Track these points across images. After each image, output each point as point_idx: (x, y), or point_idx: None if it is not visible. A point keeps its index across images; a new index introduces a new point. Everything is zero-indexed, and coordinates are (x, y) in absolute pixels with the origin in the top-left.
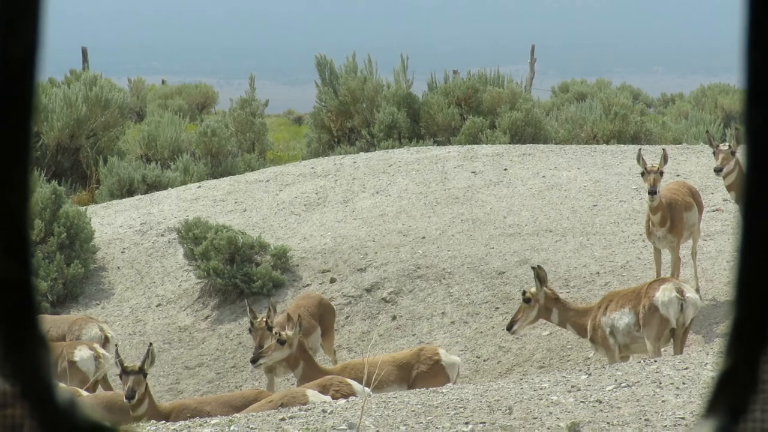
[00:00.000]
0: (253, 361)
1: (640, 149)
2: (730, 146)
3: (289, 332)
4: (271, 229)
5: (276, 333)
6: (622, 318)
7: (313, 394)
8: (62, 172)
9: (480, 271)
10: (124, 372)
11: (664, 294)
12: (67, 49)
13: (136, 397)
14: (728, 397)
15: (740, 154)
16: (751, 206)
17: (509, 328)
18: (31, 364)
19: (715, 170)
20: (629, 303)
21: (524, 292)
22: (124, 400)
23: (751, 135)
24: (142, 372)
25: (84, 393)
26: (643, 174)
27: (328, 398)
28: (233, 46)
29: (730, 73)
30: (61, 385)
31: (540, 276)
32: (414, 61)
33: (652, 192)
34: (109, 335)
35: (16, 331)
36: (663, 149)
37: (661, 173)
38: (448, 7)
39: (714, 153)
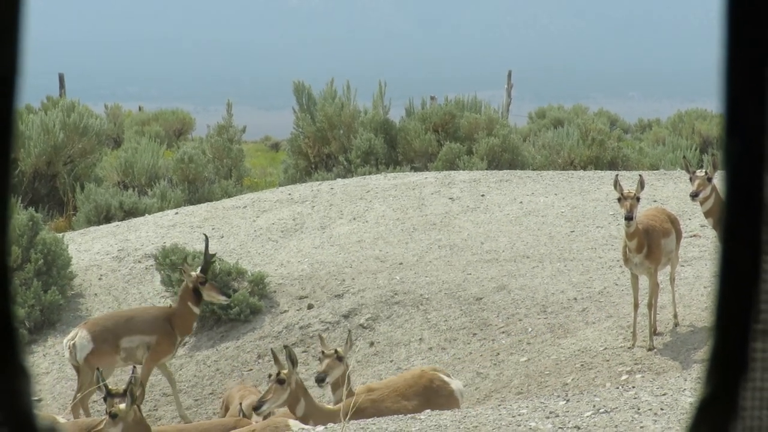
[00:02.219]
0: (257, 407)
1: (617, 175)
2: (706, 172)
3: (284, 371)
4: (249, 255)
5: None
6: None
7: (294, 423)
8: (39, 198)
9: (457, 297)
10: (109, 395)
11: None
12: (43, 75)
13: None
14: (708, 423)
15: (717, 180)
16: (730, 232)
17: (256, 408)
18: (11, 392)
19: (690, 195)
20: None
21: (278, 373)
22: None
23: (729, 161)
24: (126, 394)
25: (62, 420)
26: (619, 200)
27: (309, 427)
28: (210, 71)
29: (707, 98)
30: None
31: (292, 357)
32: (391, 87)
33: (628, 218)
34: None
35: None
36: (640, 175)
37: (638, 199)
38: (424, 33)
39: (690, 179)
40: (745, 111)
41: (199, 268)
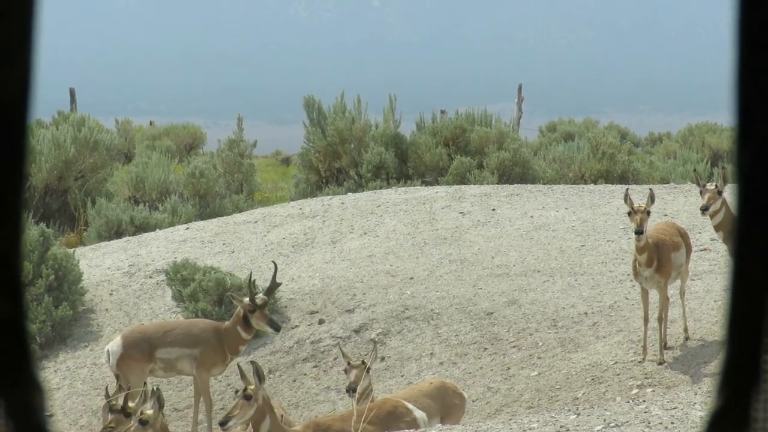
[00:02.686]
0: (223, 423)
1: (627, 189)
2: (716, 186)
3: (251, 387)
4: (260, 270)
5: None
6: None
7: None
8: (50, 213)
9: (468, 312)
10: (111, 411)
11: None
12: (54, 90)
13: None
14: None
15: (728, 193)
16: (742, 245)
17: (222, 424)
18: (24, 406)
19: (701, 209)
20: None
21: (245, 389)
22: None
23: (741, 175)
24: (123, 411)
25: None
26: (629, 214)
27: None
28: (221, 86)
29: (717, 111)
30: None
31: (260, 374)
32: (402, 101)
33: (638, 232)
34: None
35: (9, 371)
36: (650, 189)
37: (648, 213)
38: (435, 47)
39: (701, 192)
40: (756, 123)
41: (260, 294)
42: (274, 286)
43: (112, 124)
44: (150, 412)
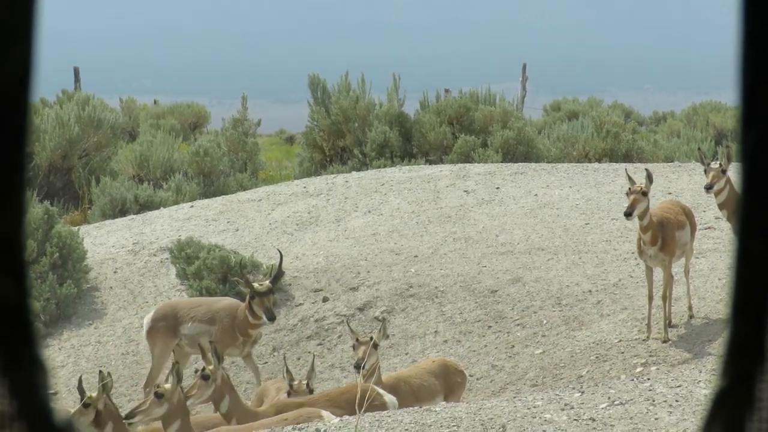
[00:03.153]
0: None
1: (626, 169)
2: (720, 164)
3: (210, 366)
4: (264, 248)
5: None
6: None
7: (327, 414)
8: (54, 192)
9: (472, 290)
10: (84, 405)
11: None
12: (58, 70)
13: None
14: (724, 415)
15: (732, 172)
16: (746, 224)
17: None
18: (28, 385)
19: (705, 188)
20: None
21: (203, 369)
22: None
23: (745, 153)
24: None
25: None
26: (627, 194)
27: (338, 418)
28: (225, 65)
29: (722, 90)
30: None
31: (218, 354)
32: (406, 80)
33: (627, 213)
34: None
35: (13, 351)
36: (646, 169)
37: (644, 193)
38: (439, 26)
39: (705, 171)
40: (761, 102)
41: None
42: (279, 274)
43: (117, 103)
44: (167, 386)
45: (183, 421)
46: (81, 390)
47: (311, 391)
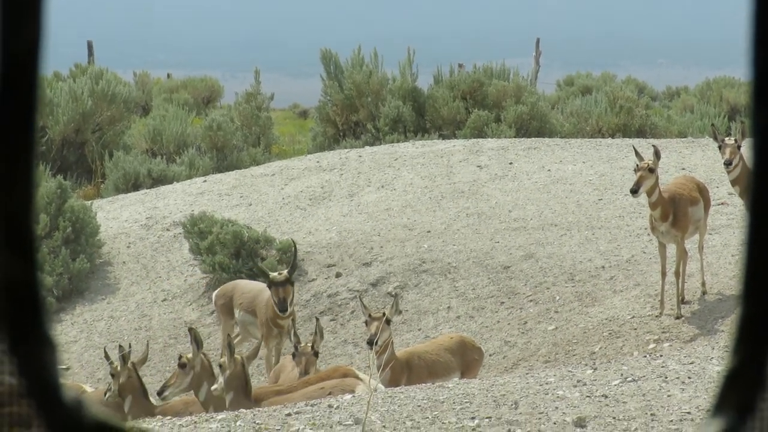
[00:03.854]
0: (160, 393)
1: (633, 146)
2: (735, 140)
3: (188, 355)
4: (277, 223)
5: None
6: None
7: (360, 386)
8: (68, 166)
9: (485, 266)
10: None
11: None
12: (72, 44)
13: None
14: (736, 395)
15: (745, 148)
16: (758, 200)
17: (159, 393)
18: (36, 362)
19: (725, 164)
20: None
21: (180, 357)
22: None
23: (758, 129)
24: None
25: (89, 389)
26: (635, 170)
27: (373, 384)
28: (238, 38)
29: (735, 65)
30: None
31: (197, 339)
32: (419, 54)
33: (632, 190)
34: None
35: (22, 328)
36: (653, 145)
37: (651, 170)
38: (453, 1)
39: (720, 147)
40: None
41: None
42: (294, 266)
43: (130, 77)
44: (190, 355)
45: (209, 384)
46: (108, 359)
47: (316, 353)
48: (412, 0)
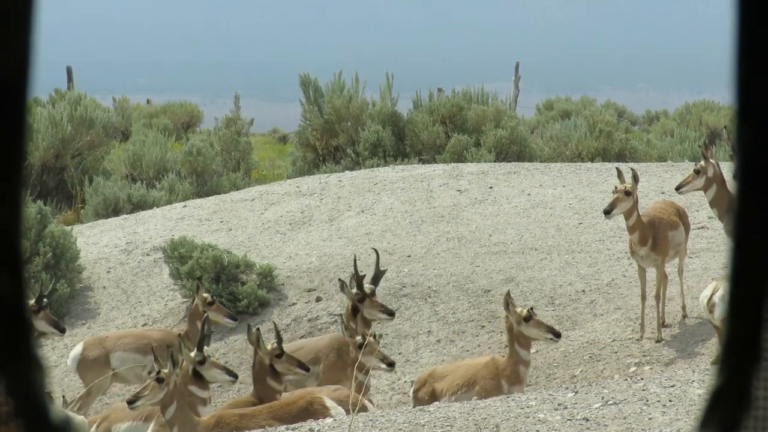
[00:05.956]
0: (130, 402)
1: (617, 167)
2: (700, 166)
3: (164, 370)
4: (257, 248)
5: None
6: None
7: (331, 403)
8: (48, 191)
9: (466, 290)
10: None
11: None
12: (51, 69)
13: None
14: (720, 414)
15: (725, 170)
16: (741, 222)
17: (130, 402)
18: (24, 381)
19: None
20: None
21: (158, 371)
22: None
23: (741, 150)
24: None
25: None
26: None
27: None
28: (218, 63)
29: (715, 89)
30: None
31: (173, 359)
32: (399, 79)
33: (605, 211)
34: None
35: (9, 348)
36: (631, 168)
37: (628, 193)
38: (431, 24)
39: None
40: (756, 98)
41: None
42: (378, 273)
43: (110, 102)
44: (166, 371)
45: (178, 404)
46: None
47: (281, 353)
48: (391, 25)
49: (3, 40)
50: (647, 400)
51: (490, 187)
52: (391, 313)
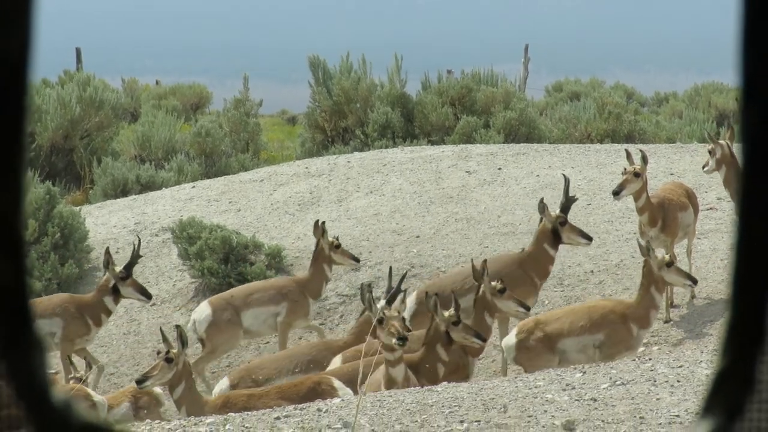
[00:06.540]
0: (140, 381)
1: (626, 149)
2: (712, 147)
3: (174, 351)
4: (265, 228)
5: None
6: None
7: (339, 384)
8: (56, 172)
9: None
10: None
11: None
12: (60, 50)
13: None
14: (724, 397)
15: (736, 149)
16: (748, 204)
17: (139, 382)
18: (26, 365)
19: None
20: None
21: (168, 351)
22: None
23: (746, 132)
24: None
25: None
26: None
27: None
28: (226, 44)
29: (724, 71)
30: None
31: (183, 338)
32: (408, 61)
33: (614, 192)
34: None
35: (11, 332)
36: (641, 150)
37: (637, 175)
38: (441, 5)
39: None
40: (762, 80)
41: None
42: (569, 201)
43: (119, 83)
44: (175, 351)
45: (187, 384)
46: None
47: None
48: (400, 6)
49: (3, 21)
50: (655, 381)
51: (499, 169)
52: (588, 238)
